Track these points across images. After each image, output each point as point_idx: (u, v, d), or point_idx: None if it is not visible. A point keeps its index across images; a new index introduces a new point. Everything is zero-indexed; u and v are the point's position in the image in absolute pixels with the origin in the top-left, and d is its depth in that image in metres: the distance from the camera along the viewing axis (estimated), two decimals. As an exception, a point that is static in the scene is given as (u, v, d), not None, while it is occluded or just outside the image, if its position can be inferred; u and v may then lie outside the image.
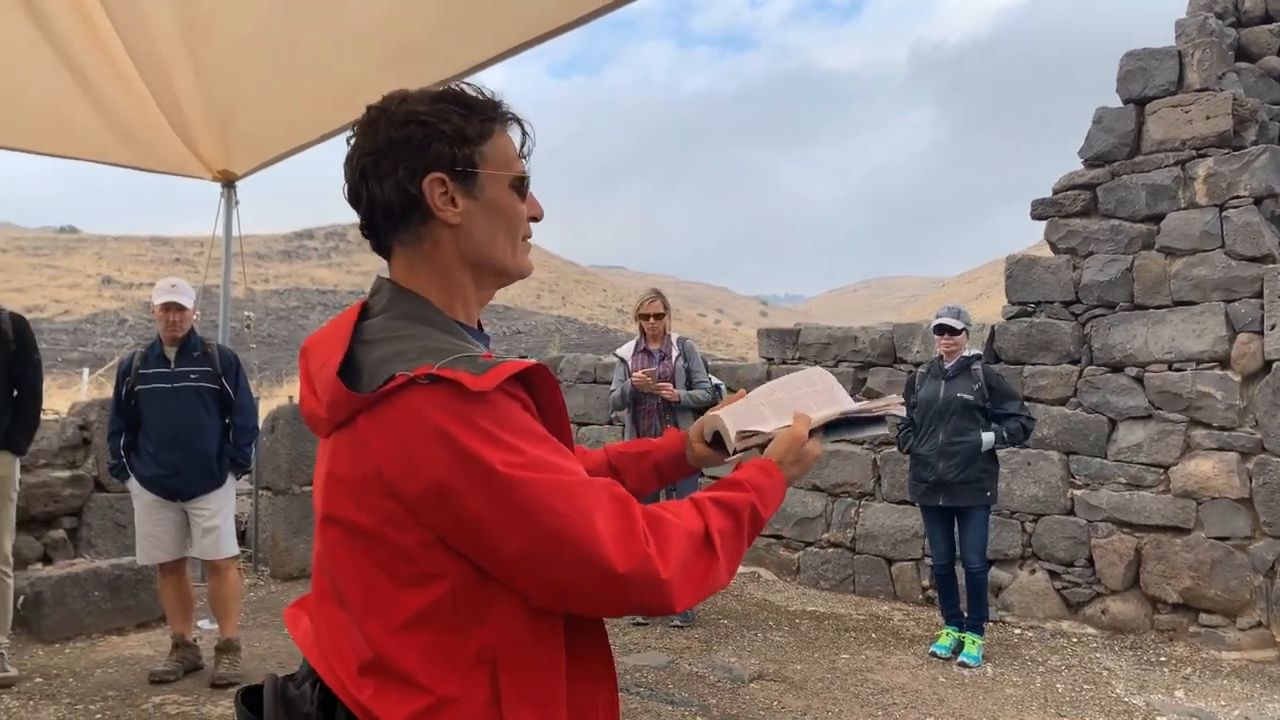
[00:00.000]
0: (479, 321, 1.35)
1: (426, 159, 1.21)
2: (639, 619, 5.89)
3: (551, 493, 1.05)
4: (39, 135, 4.97)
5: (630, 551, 1.06)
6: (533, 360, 1.14)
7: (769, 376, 7.50)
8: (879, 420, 1.48)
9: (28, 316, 4.92)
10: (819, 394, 1.49)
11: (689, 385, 5.79)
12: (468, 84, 1.29)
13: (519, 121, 1.30)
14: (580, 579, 1.06)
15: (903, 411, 1.43)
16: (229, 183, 5.82)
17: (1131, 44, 6.20)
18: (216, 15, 3.73)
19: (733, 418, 1.48)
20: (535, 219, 1.33)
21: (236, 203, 6.04)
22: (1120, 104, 6.10)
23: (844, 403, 1.47)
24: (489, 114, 1.26)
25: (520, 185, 1.28)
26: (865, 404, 1.47)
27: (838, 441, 1.57)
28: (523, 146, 1.30)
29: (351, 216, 1.31)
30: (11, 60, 4.01)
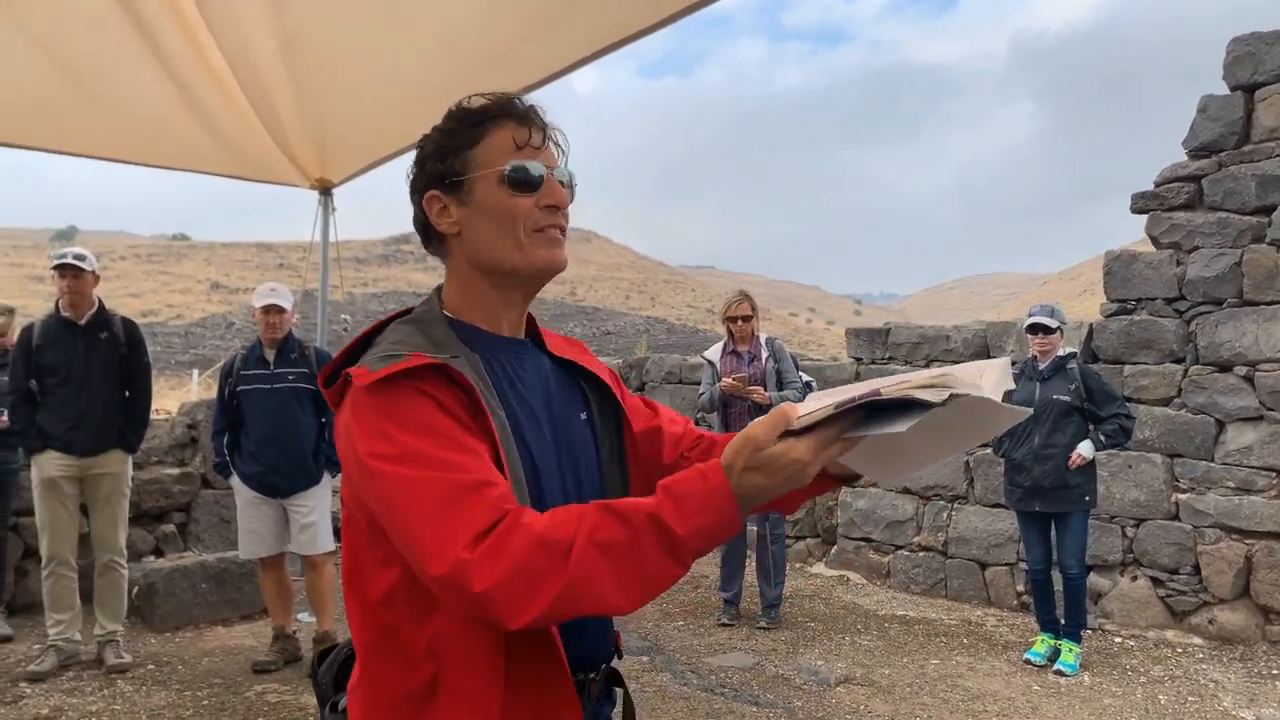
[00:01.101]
0: (530, 324, 1.36)
1: (423, 180, 1.28)
2: (724, 620, 5.89)
3: (401, 488, 1.06)
4: (149, 147, 5.21)
5: (446, 556, 1.01)
6: (429, 358, 1.15)
7: (857, 377, 7.40)
8: (916, 407, 1.00)
9: (143, 321, 5.20)
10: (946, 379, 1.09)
11: (780, 386, 5.74)
12: (493, 94, 1.30)
13: (519, 116, 1.26)
14: (422, 578, 1.06)
15: (940, 396, 0.97)
16: (325, 190, 6.01)
17: (1238, 28, 5.93)
18: (311, 31, 3.87)
19: (809, 399, 1.15)
20: (553, 206, 1.26)
21: (333, 210, 6.24)
22: (1227, 91, 5.84)
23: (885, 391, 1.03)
24: (475, 119, 1.26)
25: (510, 179, 1.23)
26: (880, 385, 1.04)
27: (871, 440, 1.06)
28: (531, 138, 1.25)
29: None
30: (123, 77, 4.22)
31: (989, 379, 1.10)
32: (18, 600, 5.80)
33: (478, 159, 1.24)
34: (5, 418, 5.17)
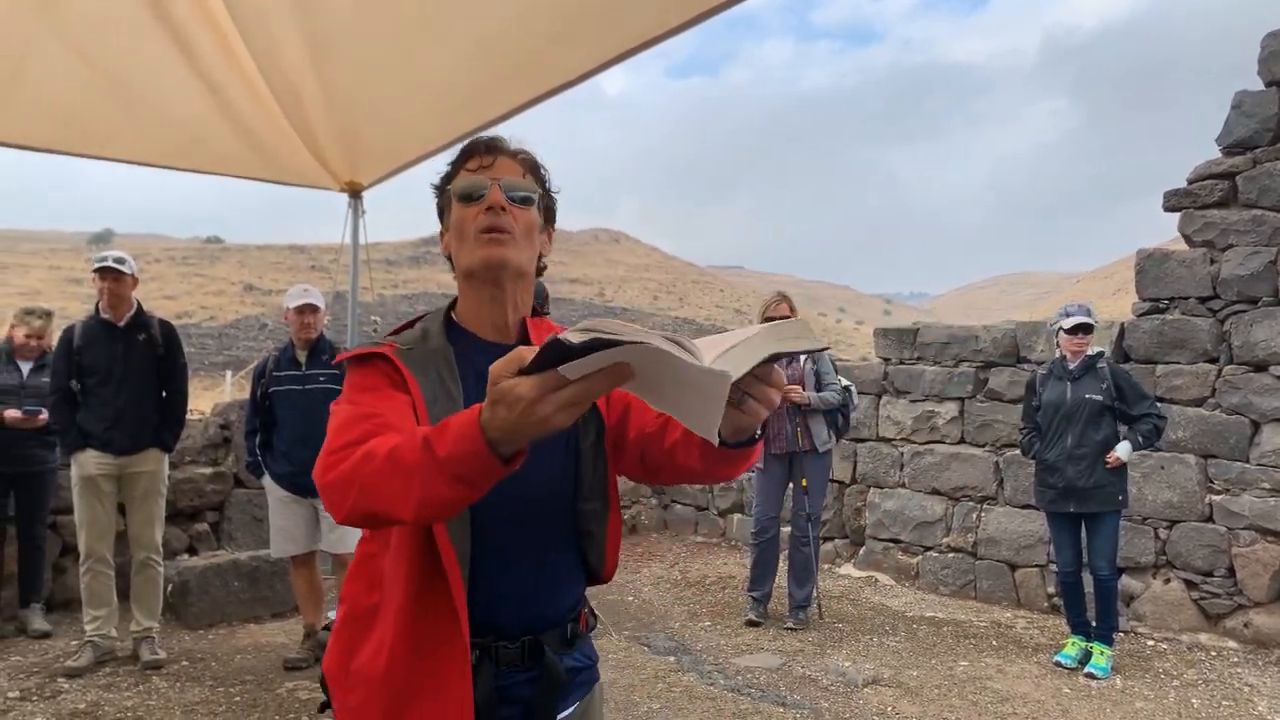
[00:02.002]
0: (517, 325, 1.55)
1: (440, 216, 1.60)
2: (752, 618, 5.88)
3: (330, 419, 1.37)
4: (183, 152, 5.29)
5: (319, 461, 1.29)
6: (379, 347, 1.47)
7: (886, 377, 7.37)
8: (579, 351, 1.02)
9: (179, 322, 5.28)
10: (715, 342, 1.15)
11: (818, 388, 5.75)
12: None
13: (477, 148, 1.53)
14: None
15: (580, 338, 0.99)
16: (355, 193, 6.07)
17: (1274, 23, 5.85)
18: (341, 36, 3.91)
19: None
20: (490, 209, 1.48)
21: (363, 212, 6.29)
22: (1262, 87, 5.76)
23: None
24: (456, 159, 1.57)
25: (458, 194, 1.51)
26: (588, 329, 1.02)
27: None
28: (481, 161, 1.52)
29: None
30: (157, 83, 4.29)
31: (741, 337, 1.15)
32: (56, 596, 5.91)
33: (451, 190, 1.53)
34: (44, 416, 5.27)
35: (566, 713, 1.53)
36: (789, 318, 5.86)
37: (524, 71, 3.86)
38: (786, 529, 6.04)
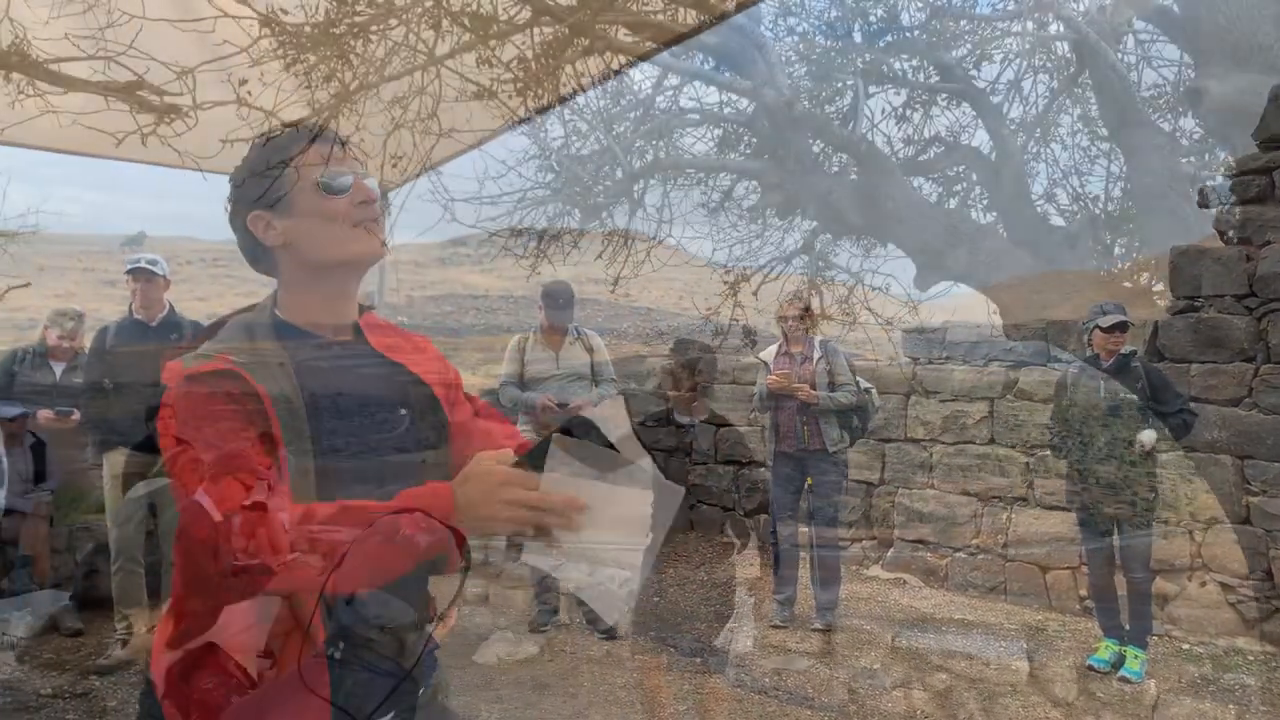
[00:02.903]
0: (355, 322, 1.53)
1: (244, 206, 1.48)
2: (777, 622, 5.84)
3: (173, 461, 1.34)
4: (211, 154, 5.34)
5: (190, 530, 1.25)
6: (225, 364, 1.37)
7: (914, 377, 7.31)
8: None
9: (208, 324, 5.32)
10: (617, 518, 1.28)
11: (831, 388, 5.69)
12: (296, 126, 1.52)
13: (320, 138, 1.49)
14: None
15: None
16: (382, 194, 6.11)
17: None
18: (361, 35, 3.93)
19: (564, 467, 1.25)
20: (365, 202, 1.47)
21: (390, 213, 6.33)
22: (1300, 81, 5.66)
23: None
24: (283, 144, 1.48)
25: (325, 185, 1.45)
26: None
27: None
28: (334, 152, 1.47)
29: (499, 224, 1.51)
30: (177, 84, 4.33)
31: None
32: (88, 595, 5.97)
33: (292, 177, 1.45)
34: (76, 416, 5.33)
35: (418, 694, 1.56)
36: (802, 317, 5.84)
37: (544, 72, 3.87)
38: (805, 529, 6.00)
